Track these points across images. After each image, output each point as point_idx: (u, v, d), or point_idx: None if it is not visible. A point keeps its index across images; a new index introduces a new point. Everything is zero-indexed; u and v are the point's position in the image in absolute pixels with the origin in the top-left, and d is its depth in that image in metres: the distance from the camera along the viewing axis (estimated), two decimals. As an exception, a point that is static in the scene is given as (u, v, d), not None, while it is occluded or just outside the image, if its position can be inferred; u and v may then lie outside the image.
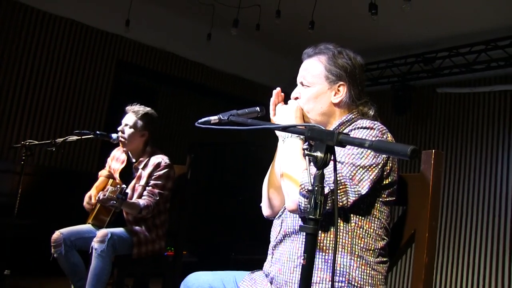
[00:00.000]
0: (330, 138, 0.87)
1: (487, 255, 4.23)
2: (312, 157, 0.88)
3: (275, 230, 1.49)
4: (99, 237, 2.43)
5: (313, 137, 0.93)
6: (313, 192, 0.87)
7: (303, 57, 1.54)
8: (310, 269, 0.86)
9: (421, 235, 1.44)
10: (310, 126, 0.95)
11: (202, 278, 1.57)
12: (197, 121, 1.36)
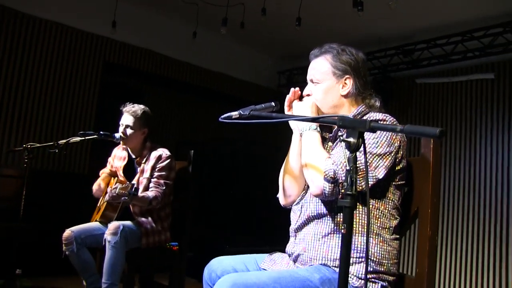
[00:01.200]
0: (362, 125, 1.01)
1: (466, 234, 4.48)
2: (346, 142, 1.03)
3: (295, 215, 1.64)
4: (112, 230, 2.53)
5: (345, 126, 1.07)
6: (349, 172, 1.01)
7: (310, 58, 1.70)
8: (350, 237, 1.01)
9: (424, 211, 1.60)
10: (341, 116, 1.09)
11: (225, 262, 1.69)
12: (220, 117, 1.48)
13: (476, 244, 4.42)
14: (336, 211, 1.49)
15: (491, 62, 4.55)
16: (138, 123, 2.85)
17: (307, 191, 1.64)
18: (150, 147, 2.90)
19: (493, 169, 4.45)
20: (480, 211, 4.46)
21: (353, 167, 1.01)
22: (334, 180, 1.36)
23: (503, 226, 4.28)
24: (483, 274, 4.33)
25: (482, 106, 4.63)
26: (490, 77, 4.52)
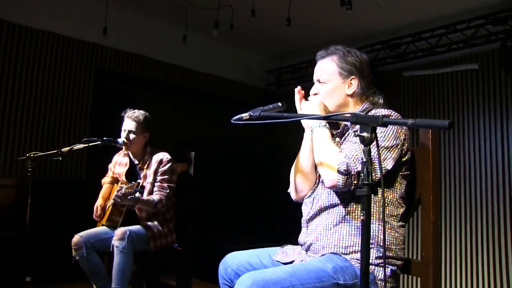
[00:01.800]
0: (375, 121, 1.11)
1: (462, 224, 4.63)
2: (360, 137, 1.12)
3: (307, 207, 1.73)
4: (119, 235, 2.59)
5: (358, 122, 1.16)
6: (365, 163, 1.10)
7: (316, 59, 1.78)
8: (369, 223, 1.10)
9: (427, 198, 1.70)
10: (354, 114, 1.18)
11: (239, 257, 1.77)
12: (232, 118, 1.56)
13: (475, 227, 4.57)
14: (347, 201, 1.59)
15: (475, 53, 4.69)
16: (140, 128, 2.91)
17: (318, 185, 1.73)
18: (151, 152, 2.96)
19: (482, 156, 4.60)
20: (471, 197, 4.61)
21: (368, 159, 1.10)
22: (347, 172, 1.45)
23: (494, 211, 4.43)
24: (484, 256, 4.48)
25: (468, 96, 4.78)
26: (475, 67, 4.67)
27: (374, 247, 1.54)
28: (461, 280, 4.55)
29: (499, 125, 4.54)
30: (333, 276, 1.46)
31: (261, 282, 1.39)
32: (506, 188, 4.41)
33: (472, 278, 4.50)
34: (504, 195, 4.41)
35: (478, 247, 4.50)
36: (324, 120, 1.64)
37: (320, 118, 1.60)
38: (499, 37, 4.29)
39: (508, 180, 4.40)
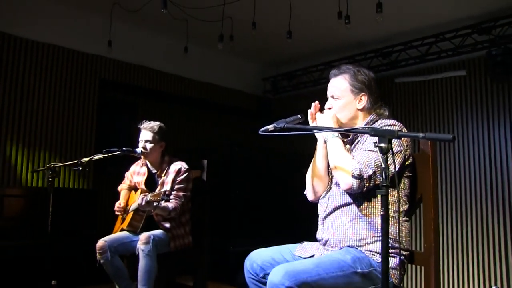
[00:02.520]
0: (391, 134, 1.34)
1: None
2: (379, 147, 1.35)
3: (322, 206, 1.97)
4: (144, 240, 2.79)
5: (377, 134, 1.39)
6: (384, 169, 1.34)
7: (330, 77, 2.03)
8: (387, 217, 1.33)
9: (427, 196, 1.93)
10: (373, 128, 1.42)
11: (264, 253, 1.99)
12: (260, 130, 1.78)
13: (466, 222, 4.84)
14: (359, 201, 1.82)
15: (462, 60, 4.98)
16: (156, 137, 3.10)
17: (331, 187, 1.96)
18: (168, 161, 3.16)
19: (470, 158, 4.88)
20: (462, 196, 4.88)
21: (386, 166, 1.33)
22: (360, 176, 1.69)
23: (483, 209, 4.71)
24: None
25: (457, 100, 5.06)
26: (462, 74, 4.95)
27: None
28: (458, 268, 4.80)
29: (486, 128, 4.82)
30: (352, 265, 1.69)
31: (292, 271, 1.61)
32: (493, 187, 4.69)
33: (468, 266, 4.78)
34: (491, 194, 4.70)
35: (470, 239, 4.78)
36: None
37: (342, 131, 1.84)
38: (484, 45, 4.58)
39: (495, 180, 4.68)
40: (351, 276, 1.68)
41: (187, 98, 6.24)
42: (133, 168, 3.36)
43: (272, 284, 1.62)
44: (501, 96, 4.72)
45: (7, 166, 4.48)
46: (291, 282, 1.58)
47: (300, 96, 6.82)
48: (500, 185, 4.65)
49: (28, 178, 4.62)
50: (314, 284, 1.61)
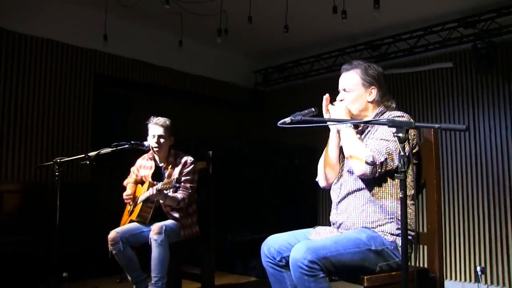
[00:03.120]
0: (409, 125, 1.49)
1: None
2: (398, 137, 1.50)
3: (335, 192, 2.12)
4: (156, 230, 2.90)
5: (395, 125, 1.54)
6: (402, 156, 1.48)
7: (342, 71, 2.17)
8: (405, 199, 1.48)
9: (431, 181, 2.09)
10: (390, 120, 1.56)
11: (280, 238, 2.13)
12: (278, 123, 1.90)
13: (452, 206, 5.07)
14: (371, 186, 1.97)
15: (449, 52, 5.18)
16: (167, 132, 3.21)
17: (342, 174, 2.11)
18: (174, 154, 3.27)
19: (457, 147, 5.10)
20: (447, 186, 5.10)
21: (404, 153, 1.48)
22: (373, 163, 1.84)
23: (468, 195, 4.95)
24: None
25: (444, 91, 5.26)
26: (449, 66, 5.15)
27: (395, 221, 1.93)
28: (444, 249, 5.00)
29: (471, 118, 5.03)
30: (367, 243, 1.85)
31: (313, 248, 1.76)
32: (478, 175, 4.92)
33: (454, 248, 5.01)
34: (476, 181, 4.93)
35: (456, 222, 5.01)
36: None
37: (362, 123, 1.98)
38: (470, 39, 4.77)
39: (479, 168, 4.91)
40: (366, 252, 1.83)
41: (181, 91, 6.32)
42: (139, 162, 3.45)
43: (295, 260, 1.75)
44: (485, 88, 4.93)
45: (4, 161, 4.50)
46: (312, 257, 1.72)
47: (291, 88, 6.96)
48: (484, 172, 4.89)
49: (24, 173, 4.65)
50: (333, 259, 1.76)
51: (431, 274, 2.01)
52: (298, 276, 1.74)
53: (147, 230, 3.07)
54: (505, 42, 4.72)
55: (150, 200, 3.11)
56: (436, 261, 2.03)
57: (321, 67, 6.36)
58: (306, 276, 1.72)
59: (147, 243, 3.03)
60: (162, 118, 3.25)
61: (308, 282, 1.72)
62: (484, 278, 4.78)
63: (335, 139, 2.12)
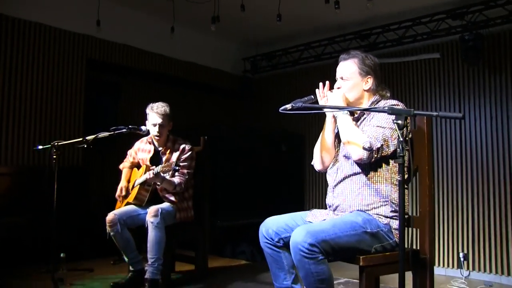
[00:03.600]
0: (408, 113, 1.58)
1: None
2: (397, 124, 1.58)
3: (331, 176, 2.21)
4: (153, 213, 2.96)
5: (394, 113, 1.63)
6: (401, 142, 1.57)
7: (339, 60, 2.25)
8: (403, 182, 1.57)
9: (423, 167, 2.19)
10: (390, 107, 1.65)
11: (278, 220, 2.21)
12: (280, 109, 1.98)
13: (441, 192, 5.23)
14: (367, 170, 2.06)
15: (437, 43, 5.30)
16: (166, 120, 3.25)
17: (337, 159, 2.20)
18: (173, 140, 3.32)
19: (443, 135, 5.26)
20: (438, 170, 5.26)
21: (403, 139, 1.57)
22: (370, 148, 1.93)
23: (453, 180, 5.12)
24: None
25: (431, 82, 5.40)
26: (436, 56, 5.28)
27: (389, 204, 2.04)
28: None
29: (457, 108, 5.18)
30: (363, 226, 1.95)
31: (312, 231, 1.85)
32: (463, 163, 5.09)
33: (438, 234, 5.19)
34: (461, 169, 5.10)
35: (440, 209, 5.19)
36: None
37: (362, 110, 2.06)
38: (457, 30, 4.90)
39: (465, 157, 5.08)
40: (362, 235, 1.94)
41: (171, 78, 6.35)
42: (137, 145, 3.48)
43: (295, 243, 1.84)
44: (471, 79, 5.08)
45: (-4, 144, 4.50)
46: (312, 240, 1.82)
47: (280, 76, 7.03)
48: (469, 161, 5.06)
49: (17, 156, 4.65)
50: (331, 241, 1.86)
51: (422, 256, 2.13)
52: (298, 259, 1.84)
53: (144, 212, 3.13)
54: (492, 35, 4.86)
55: (147, 183, 3.16)
56: (427, 243, 2.14)
57: (310, 55, 6.43)
58: (306, 258, 1.81)
59: (143, 225, 3.10)
60: (162, 107, 3.26)
61: (308, 264, 1.82)
62: (466, 264, 4.98)
63: (331, 124, 2.21)
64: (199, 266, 3.44)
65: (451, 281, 4.77)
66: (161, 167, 2.92)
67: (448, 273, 5.07)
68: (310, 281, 1.84)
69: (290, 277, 2.19)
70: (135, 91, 6.30)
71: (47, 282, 3.10)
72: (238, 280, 3.35)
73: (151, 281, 2.88)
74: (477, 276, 4.90)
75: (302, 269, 1.85)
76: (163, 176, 3.01)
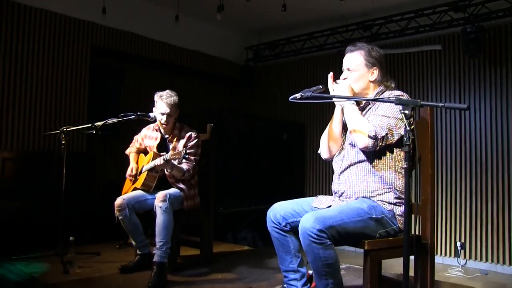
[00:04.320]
0: (414, 103, 1.65)
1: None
2: (404, 114, 1.66)
3: (337, 163, 2.29)
4: (161, 198, 3.02)
5: (402, 103, 1.70)
6: (408, 131, 1.64)
7: (346, 52, 2.32)
8: (410, 169, 1.65)
9: (426, 156, 2.27)
10: (397, 98, 1.72)
11: (285, 205, 2.29)
12: (289, 98, 2.04)
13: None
14: (372, 158, 2.14)
15: (438, 35, 5.36)
16: (174, 109, 3.28)
17: (343, 147, 2.28)
18: (180, 127, 3.37)
19: (442, 125, 5.34)
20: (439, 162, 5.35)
21: (410, 128, 1.64)
22: (375, 137, 2.01)
23: (452, 170, 5.21)
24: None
25: (432, 73, 5.46)
26: (438, 48, 5.34)
27: (392, 191, 2.12)
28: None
29: (458, 99, 5.26)
30: (368, 212, 2.03)
31: (320, 217, 1.93)
32: (462, 154, 5.20)
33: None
34: (460, 160, 5.20)
35: (439, 199, 5.29)
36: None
37: (370, 100, 2.13)
38: (460, 22, 4.95)
39: (464, 148, 5.18)
40: (367, 221, 2.02)
41: (174, 65, 6.39)
42: (144, 131, 3.53)
43: (304, 229, 1.92)
44: (472, 71, 5.15)
45: (3, 130, 4.55)
46: (320, 225, 1.90)
47: (282, 65, 7.08)
48: (468, 152, 5.15)
49: (23, 141, 4.71)
50: (339, 227, 1.94)
51: (423, 241, 2.21)
52: (307, 244, 1.92)
53: (151, 198, 3.20)
54: (494, 27, 4.92)
55: (155, 169, 3.23)
56: (428, 229, 2.22)
57: (313, 45, 6.48)
58: (315, 243, 1.89)
59: (150, 211, 3.17)
60: (170, 97, 3.27)
61: (317, 249, 1.90)
62: (463, 253, 5.10)
63: (339, 115, 2.27)
64: (204, 251, 3.52)
65: (448, 269, 4.90)
66: (170, 154, 2.97)
67: (445, 262, 5.19)
68: (318, 265, 1.93)
69: (296, 260, 2.28)
70: (139, 78, 6.34)
71: (56, 265, 3.19)
72: (242, 265, 3.43)
73: (159, 264, 2.95)
74: (473, 265, 5.03)
75: (311, 253, 1.92)
76: (172, 163, 3.08)
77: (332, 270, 1.95)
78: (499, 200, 4.91)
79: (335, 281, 1.97)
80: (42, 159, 4.65)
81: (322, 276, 1.96)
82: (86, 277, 3.05)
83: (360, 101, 2.28)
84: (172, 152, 2.99)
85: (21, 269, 3.13)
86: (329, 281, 1.96)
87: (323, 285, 1.97)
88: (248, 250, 4.24)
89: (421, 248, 2.18)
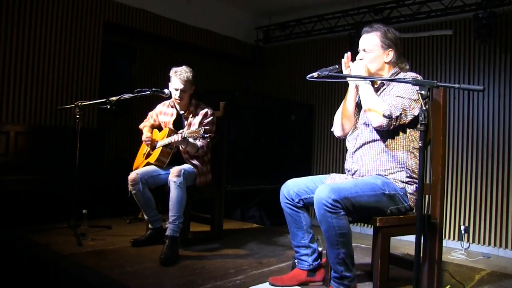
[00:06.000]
0: (431, 84, 1.70)
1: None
2: (421, 94, 1.70)
3: (351, 142, 2.35)
4: (176, 173, 3.07)
5: (418, 84, 1.75)
6: (423, 111, 1.69)
7: (362, 33, 2.36)
8: (425, 148, 1.70)
9: (437, 137, 2.32)
10: (414, 78, 1.76)
11: (298, 182, 2.36)
12: (307, 76, 2.09)
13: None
14: (385, 137, 2.19)
15: (450, 20, 5.35)
16: (188, 85, 3.31)
17: (356, 126, 2.33)
18: (195, 104, 3.41)
19: (451, 109, 5.37)
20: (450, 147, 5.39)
21: (426, 108, 1.69)
22: (389, 116, 2.06)
23: (458, 152, 5.26)
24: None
25: (442, 58, 5.47)
26: (449, 33, 5.34)
27: (404, 170, 2.18)
28: (455, 203, 5.34)
29: (467, 83, 5.28)
30: (381, 187, 2.09)
31: (336, 188, 1.99)
32: (469, 140, 5.25)
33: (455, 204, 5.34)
34: (466, 145, 5.25)
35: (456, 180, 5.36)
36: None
37: (387, 80, 2.18)
38: (471, 8, 4.94)
39: (471, 133, 5.23)
40: (380, 196, 2.08)
41: (184, 43, 6.41)
42: (160, 108, 3.57)
43: (319, 198, 1.98)
44: (482, 56, 5.16)
45: (16, 104, 4.62)
46: (335, 196, 1.96)
47: (292, 46, 7.09)
48: (475, 136, 5.19)
49: (35, 115, 4.78)
50: (352, 199, 2.01)
51: (432, 220, 2.28)
52: (322, 213, 1.98)
53: (164, 173, 3.26)
54: (506, 13, 4.90)
55: (170, 146, 3.28)
56: (437, 208, 2.28)
57: (323, 27, 6.48)
58: (329, 213, 1.96)
59: (163, 186, 3.23)
60: (185, 73, 3.29)
61: (331, 218, 1.97)
62: (466, 236, 5.18)
63: (353, 93, 2.32)
64: (214, 227, 3.60)
65: (452, 252, 4.98)
66: (188, 132, 3.00)
67: (449, 245, 5.27)
68: (331, 234, 1.99)
69: (308, 236, 2.36)
70: (150, 55, 6.38)
71: (69, 237, 3.27)
72: (252, 241, 3.51)
73: (172, 238, 3.01)
74: (476, 248, 5.11)
75: (325, 222, 1.99)
76: (188, 139, 3.12)
77: (344, 240, 2.02)
78: (504, 185, 4.97)
79: (347, 251, 2.03)
80: (54, 133, 4.72)
81: (334, 245, 2.02)
82: (99, 249, 3.13)
83: (375, 82, 2.32)
84: (190, 130, 3.02)
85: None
86: (341, 250, 2.02)
87: (335, 254, 2.04)
88: (257, 227, 4.32)
89: (430, 227, 2.25)
